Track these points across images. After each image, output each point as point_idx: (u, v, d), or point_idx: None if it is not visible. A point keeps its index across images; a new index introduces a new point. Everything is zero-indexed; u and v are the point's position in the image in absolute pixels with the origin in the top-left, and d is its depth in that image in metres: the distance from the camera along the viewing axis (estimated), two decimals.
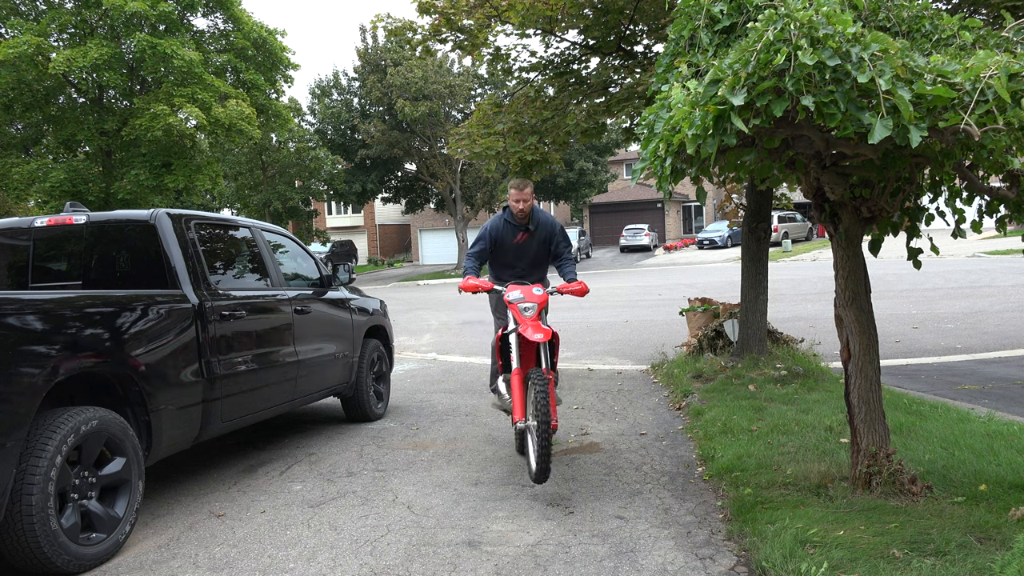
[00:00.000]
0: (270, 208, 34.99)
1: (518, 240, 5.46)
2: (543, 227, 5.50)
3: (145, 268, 4.52)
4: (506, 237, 5.45)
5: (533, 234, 5.46)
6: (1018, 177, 3.06)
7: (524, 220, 5.41)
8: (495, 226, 5.46)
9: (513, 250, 5.49)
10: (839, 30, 2.64)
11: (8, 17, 21.90)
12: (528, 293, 4.58)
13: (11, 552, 3.24)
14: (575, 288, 4.96)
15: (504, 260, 5.54)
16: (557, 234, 5.55)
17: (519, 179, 5.39)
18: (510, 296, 4.57)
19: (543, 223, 5.50)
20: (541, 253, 5.57)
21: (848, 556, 2.98)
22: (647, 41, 8.51)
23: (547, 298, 4.72)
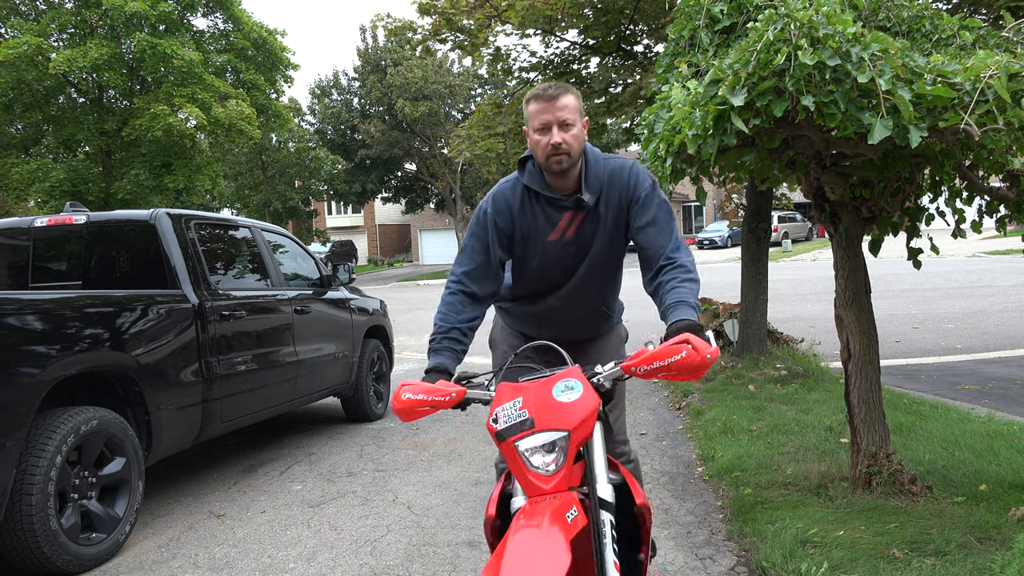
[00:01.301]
0: (270, 208, 34.98)
1: (558, 235, 2.36)
2: (612, 192, 2.34)
3: (145, 268, 4.52)
4: (530, 228, 2.36)
5: (592, 215, 2.34)
6: (1018, 177, 3.06)
7: (568, 184, 2.32)
8: (502, 203, 2.36)
9: (548, 256, 2.39)
10: (839, 30, 2.64)
11: (8, 17, 21.88)
12: (543, 407, 1.86)
13: (11, 552, 3.24)
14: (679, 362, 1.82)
15: (527, 277, 2.48)
16: (641, 200, 2.32)
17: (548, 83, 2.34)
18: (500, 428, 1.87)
19: (612, 182, 2.34)
20: (608, 253, 2.42)
21: (848, 556, 2.98)
22: (647, 41, 8.51)
23: (594, 409, 1.86)
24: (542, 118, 2.22)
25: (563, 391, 1.85)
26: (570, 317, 2.52)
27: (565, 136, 2.21)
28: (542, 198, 2.34)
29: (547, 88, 2.25)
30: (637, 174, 2.35)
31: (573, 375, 1.90)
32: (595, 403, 1.84)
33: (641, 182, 2.34)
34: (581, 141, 2.27)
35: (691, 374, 1.81)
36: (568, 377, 1.90)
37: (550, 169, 2.26)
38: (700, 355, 1.80)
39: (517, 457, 1.80)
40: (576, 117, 2.24)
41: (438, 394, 1.95)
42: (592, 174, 2.33)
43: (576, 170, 2.30)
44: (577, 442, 1.78)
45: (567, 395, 1.84)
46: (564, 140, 2.20)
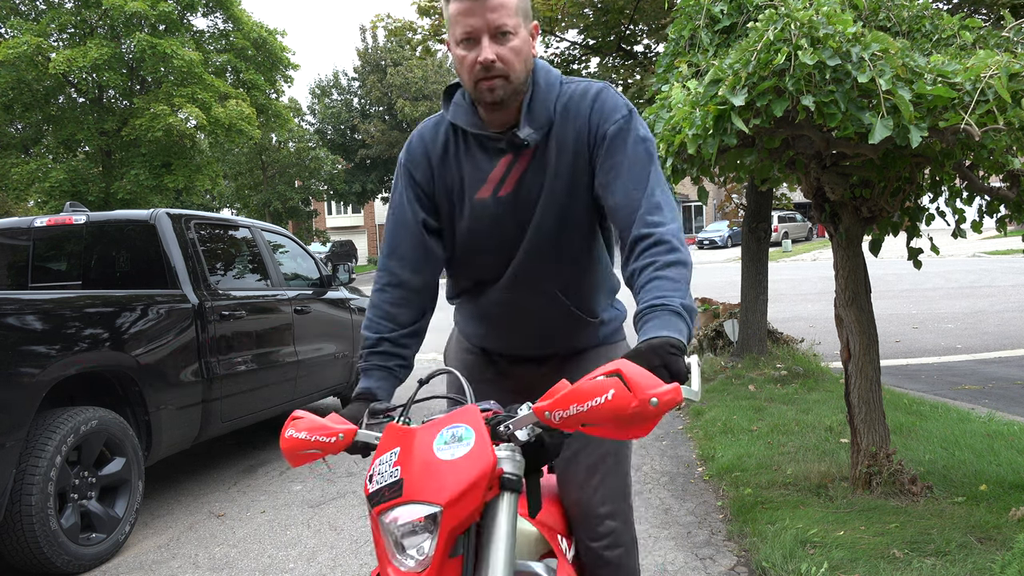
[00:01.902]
0: (270, 208, 35.00)
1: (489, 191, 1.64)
2: (567, 127, 1.60)
3: (145, 268, 4.52)
4: (454, 181, 1.67)
5: (537, 161, 1.61)
6: (1018, 177, 3.06)
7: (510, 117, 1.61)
8: (418, 149, 1.70)
9: (478, 223, 1.67)
10: (839, 30, 2.64)
11: (8, 17, 21.90)
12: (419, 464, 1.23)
13: (11, 552, 3.24)
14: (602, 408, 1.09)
15: (457, 257, 1.76)
16: (608, 138, 1.56)
17: None
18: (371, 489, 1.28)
19: (568, 112, 1.61)
20: (562, 220, 1.64)
21: (848, 556, 2.98)
22: (647, 41, 8.51)
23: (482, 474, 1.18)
24: (467, 23, 1.49)
25: (447, 443, 1.23)
26: (527, 321, 1.73)
27: (500, 50, 1.49)
28: (471, 138, 1.63)
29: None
30: (604, 100, 1.59)
31: (465, 418, 1.26)
32: (485, 465, 1.18)
33: (609, 111, 1.58)
34: (526, 57, 1.55)
35: (622, 428, 1.10)
36: (459, 422, 1.25)
37: (482, 98, 1.55)
38: (636, 398, 1.06)
39: (378, 535, 1.24)
40: (518, 21, 1.52)
41: (324, 433, 1.39)
42: (538, 102, 1.59)
43: (519, 98, 1.58)
44: (451, 525, 1.16)
45: (450, 449, 1.22)
46: (499, 56, 1.49)
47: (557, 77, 1.65)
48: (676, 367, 1.19)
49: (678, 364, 1.19)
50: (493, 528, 1.21)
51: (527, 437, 1.26)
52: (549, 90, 1.61)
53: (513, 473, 1.24)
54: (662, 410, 1.07)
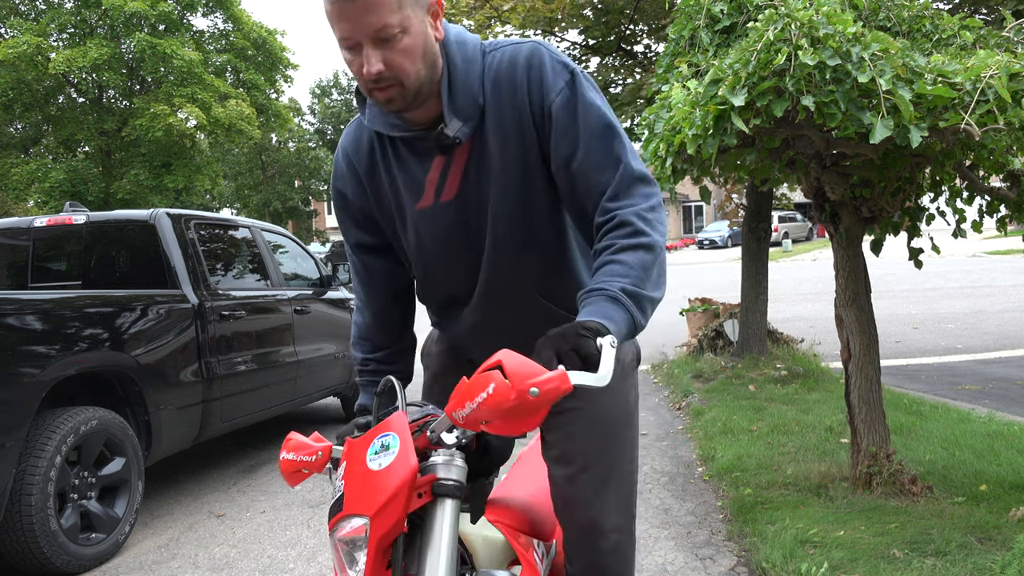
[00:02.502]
0: (270, 208, 35.01)
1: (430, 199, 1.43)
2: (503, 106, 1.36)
3: (145, 268, 4.52)
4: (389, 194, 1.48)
5: (478, 154, 1.38)
6: (1018, 177, 3.06)
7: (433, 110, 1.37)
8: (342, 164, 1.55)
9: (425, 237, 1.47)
10: (839, 30, 2.64)
11: (8, 17, 21.90)
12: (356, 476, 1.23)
13: (11, 552, 3.24)
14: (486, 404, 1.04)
15: (417, 279, 1.59)
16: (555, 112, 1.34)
17: None
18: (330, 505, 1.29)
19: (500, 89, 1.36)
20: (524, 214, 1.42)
21: (848, 556, 2.98)
22: (647, 41, 8.51)
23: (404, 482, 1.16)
24: (343, 28, 1.24)
25: (376, 453, 1.20)
26: (511, 335, 1.40)
27: (387, 55, 1.25)
28: (397, 142, 1.41)
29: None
30: (541, 68, 1.34)
31: (393, 426, 1.22)
32: (405, 474, 1.15)
33: (550, 81, 1.34)
34: (424, 51, 1.29)
35: (510, 423, 1.05)
36: (387, 430, 1.22)
37: (382, 107, 1.35)
38: (514, 389, 1.02)
39: (333, 549, 1.24)
40: (406, 13, 1.24)
41: (307, 452, 1.35)
42: (459, 87, 1.34)
43: (435, 88, 1.34)
44: (378, 536, 1.14)
45: (379, 459, 1.19)
46: (387, 63, 1.25)
47: (477, 48, 1.39)
48: (585, 350, 1.10)
49: (587, 347, 1.11)
50: (430, 536, 1.19)
51: (456, 440, 1.22)
52: (470, 68, 1.35)
53: (448, 478, 1.20)
54: (544, 400, 1.03)
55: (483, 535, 1.41)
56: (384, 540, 1.15)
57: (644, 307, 1.24)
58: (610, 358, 1.11)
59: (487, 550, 1.42)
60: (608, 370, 1.10)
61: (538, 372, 1.04)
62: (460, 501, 1.22)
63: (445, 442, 1.22)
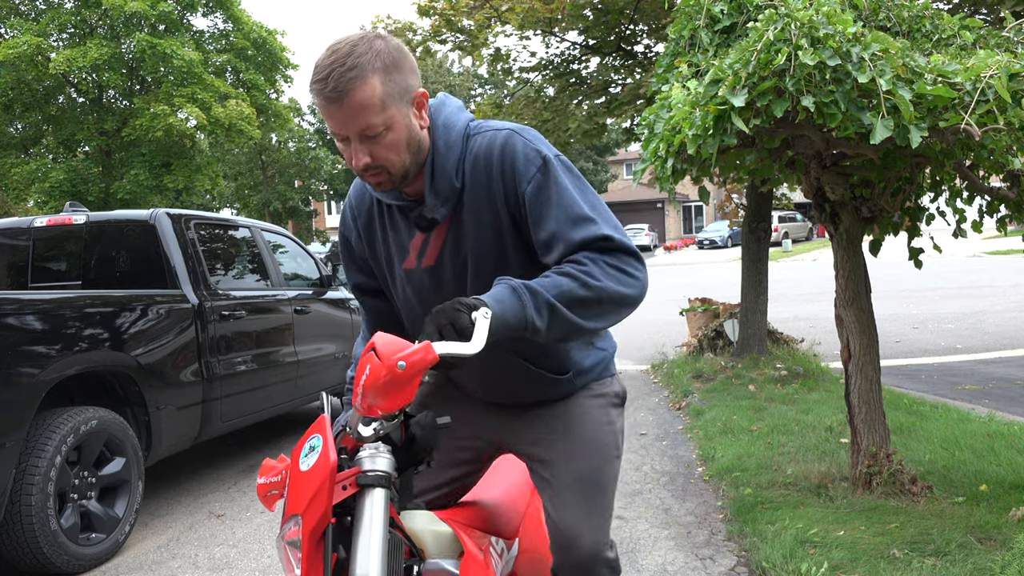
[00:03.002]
0: (270, 208, 35.00)
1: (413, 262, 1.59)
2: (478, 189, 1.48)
3: (145, 268, 4.52)
4: (381, 250, 1.63)
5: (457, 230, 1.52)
6: (1018, 177, 3.06)
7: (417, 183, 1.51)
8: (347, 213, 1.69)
9: (409, 294, 1.62)
10: (839, 30, 2.64)
11: (8, 17, 21.90)
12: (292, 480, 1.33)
13: (11, 552, 3.24)
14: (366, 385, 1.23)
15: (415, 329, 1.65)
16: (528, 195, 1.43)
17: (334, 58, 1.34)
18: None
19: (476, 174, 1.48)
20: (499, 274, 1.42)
21: (848, 556, 2.98)
22: (647, 41, 8.52)
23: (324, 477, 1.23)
24: (333, 124, 1.38)
25: (306, 455, 1.31)
26: (494, 384, 1.65)
27: (374, 149, 1.38)
28: (393, 209, 1.56)
29: (328, 72, 1.33)
30: (514, 155, 1.44)
31: (318, 428, 1.33)
32: (324, 469, 1.23)
33: (522, 168, 1.43)
34: (408, 142, 1.42)
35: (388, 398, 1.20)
36: (313, 432, 1.33)
37: (371, 187, 1.50)
38: (384, 365, 1.17)
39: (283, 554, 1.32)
40: (390, 113, 1.36)
41: (273, 473, 1.43)
42: (440, 171, 1.46)
43: (420, 168, 1.47)
44: (308, 529, 1.22)
45: (307, 460, 1.29)
46: (373, 155, 1.39)
47: (460, 134, 1.49)
48: (460, 323, 1.22)
49: (460, 320, 1.22)
50: (360, 524, 1.27)
51: (373, 432, 1.29)
52: (450, 153, 1.47)
53: (373, 470, 1.28)
54: (412, 372, 1.17)
55: (432, 530, 1.49)
56: (314, 533, 1.23)
57: (545, 311, 1.30)
58: (483, 328, 1.23)
59: (436, 544, 1.48)
60: (480, 339, 1.22)
61: (404, 347, 1.19)
62: (389, 490, 1.30)
63: (363, 435, 1.30)
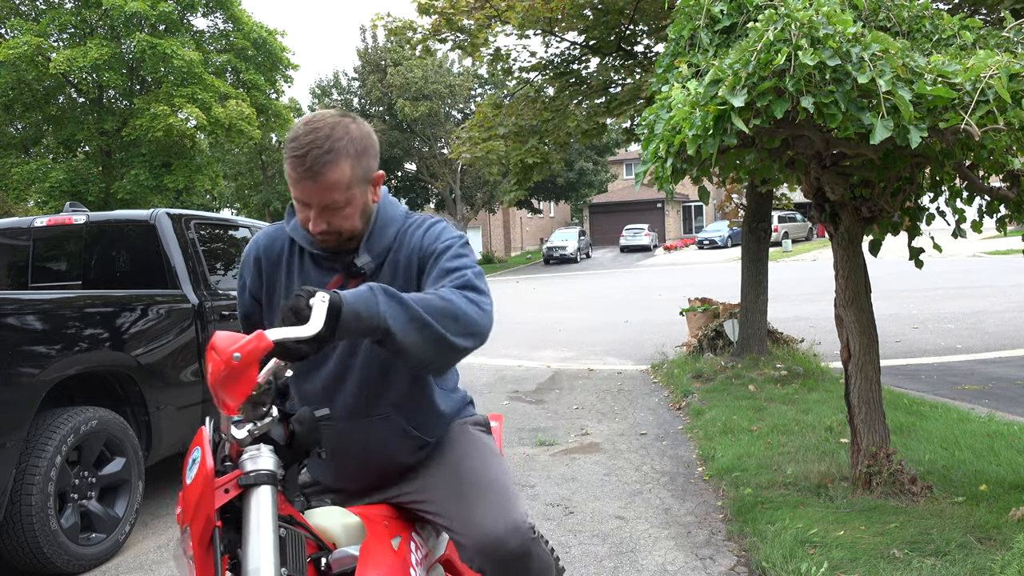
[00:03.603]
0: (270, 208, 34.99)
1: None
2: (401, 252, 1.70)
3: (145, 268, 4.52)
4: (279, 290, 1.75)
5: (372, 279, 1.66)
6: (1018, 177, 3.06)
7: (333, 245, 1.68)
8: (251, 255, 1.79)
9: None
10: (839, 30, 2.64)
11: (8, 17, 21.89)
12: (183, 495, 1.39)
13: (11, 552, 3.24)
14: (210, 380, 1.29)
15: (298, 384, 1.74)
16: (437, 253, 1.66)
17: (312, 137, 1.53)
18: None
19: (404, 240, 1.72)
20: None
21: (848, 556, 2.98)
22: (647, 41, 8.51)
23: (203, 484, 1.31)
24: (299, 191, 1.56)
25: (191, 467, 1.35)
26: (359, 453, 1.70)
27: (332, 219, 1.58)
28: (306, 254, 1.70)
29: (307, 151, 1.49)
30: (437, 227, 1.70)
31: (197, 440, 1.37)
32: (201, 478, 1.29)
33: (440, 234, 1.68)
34: (361, 213, 1.63)
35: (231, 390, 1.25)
36: (195, 445, 1.37)
37: (317, 242, 1.66)
38: (221, 359, 1.23)
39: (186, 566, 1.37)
40: (352, 192, 1.57)
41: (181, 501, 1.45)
42: (377, 234, 1.67)
43: (362, 232, 1.67)
44: (196, 536, 1.28)
45: (191, 471, 1.34)
46: (330, 224, 1.58)
47: (399, 214, 1.74)
48: (296, 306, 1.30)
49: (297, 303, 1.30)
50: (248, 522, 1.30)
51: (247, 434, 1.35)
52: (390, 223, 1.70)
53: (254, 470, 1.33)
54: (248, 360, 1.23)
55: (342, 523, 1.52)
56: (203, 539, 1.28)
57: (398, 307, 1.37)
58: (320, 312, 1.28)
59: (346, 535, 1.51)
60: (317, 322, 1.27)
61: (238, 339, 1.24)
62: (275, 487, 1.34)
63: (237, 437, 1.35)
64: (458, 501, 1.65)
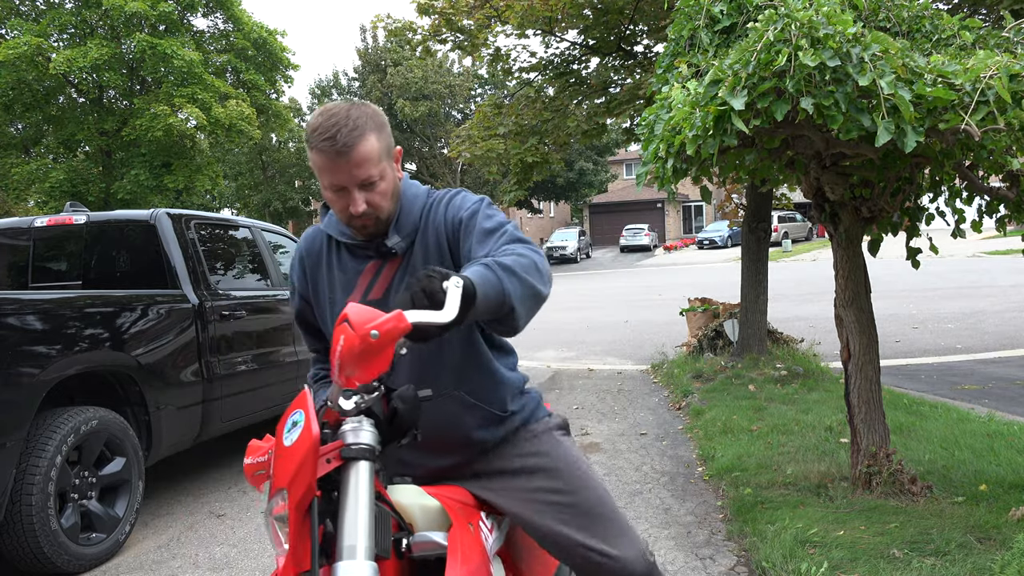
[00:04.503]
0: (270, 208, 34.99)
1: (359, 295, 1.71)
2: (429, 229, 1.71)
3: (145, 268, 4.52)
4: (328, 287, 1.78)
5: (406, 265, 1.70)
6: (1018, 177, 3.06)
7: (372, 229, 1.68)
8: (296, 257, 1.87)
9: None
10: (839, 30, 2.64)
11: (8, 18, 21.90)
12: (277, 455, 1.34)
13: (11, 552, 3.24)
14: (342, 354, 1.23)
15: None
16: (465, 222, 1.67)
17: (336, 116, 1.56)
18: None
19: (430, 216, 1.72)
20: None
21: (848, 556, 2.98)
22: (647, 41, 8.52)
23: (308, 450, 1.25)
24: (333, 178, 1.56)
25: (289, 430, 1.31)
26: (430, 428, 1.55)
27: (370, 196, 1.59)
28: (342, 246, 1.76)
29: (335, 131, 1.52)
30: (459, 196, 1.73)
31: (299, 403, 1.34)
32: (306, 443, 1.24)
33: (462, 202, 1.70)
34: (393, 190, 1.65)
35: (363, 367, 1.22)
36: (295, 408, 1.34)
37: (356, 233, 1.69)
38: (357, 335, 1.18)
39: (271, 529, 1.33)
40: (383, 165, 1.60)
41: (260, 453, 1.45)
42: (405, 215, 1.70)
43: (394, 215, 1.70)
44: (294, 502, 1.23)
45: (291, 435, 1.30)
46: (369, 202, 1.59)
47: (420, 191, 1.77)
48: (431, 287, 1.25)
49: (431, 285, 1.25)
50: (346, 496, 1.28)
51: (354, 406, 1.32)
52: (415, 201, 1.73)
53: (356, 443, 1.30)
54: (385, 340, 1.19)
55: (420, 504, 1.49)
56: (300, 507, 1.24)
57: (516, 282, 1.38)
58: (455, 297, 1.24)
59: (425, 517, 1.48)
60: (453, 307, 1.23)
61: (376, 316, 1.19)
62: (373, 463, 1.31)
63: (344, 408, 1.32)
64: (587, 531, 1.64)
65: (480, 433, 1.72)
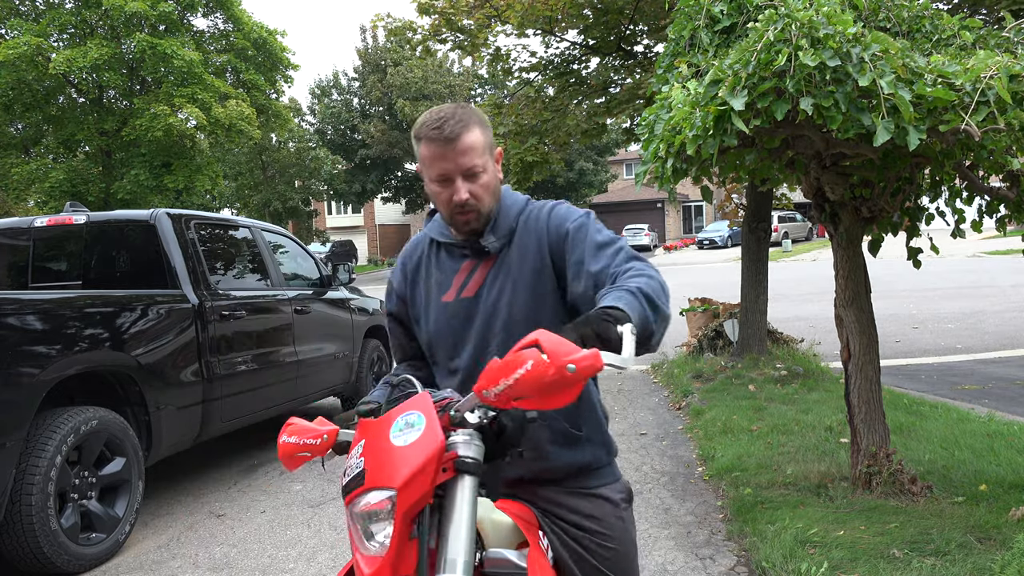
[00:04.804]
0: (270, 208, 34.99)
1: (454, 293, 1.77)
2: (528, 235, 1.75)
3: (145, 268, 4.52)
4: (425, 287, 1.84)
5: (501, 265, 1.74)
6: (1018, 177, 3.06)
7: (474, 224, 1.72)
8: (398, 261, 1.95)
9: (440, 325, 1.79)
10: (839, 30, 2.64)
11: (8, 18, 21.89)
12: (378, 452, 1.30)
13: (11, 552, 3.24)
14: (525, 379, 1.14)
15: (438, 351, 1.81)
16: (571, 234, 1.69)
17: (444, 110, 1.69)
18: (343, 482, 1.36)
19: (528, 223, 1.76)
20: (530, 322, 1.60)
21: (848, 556, 2.98)
22: (647, 41, 8.51)
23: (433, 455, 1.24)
24: (440, 167, 1.64)
25: (400, 430, 1.28)
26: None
27: (473, 187, 1.65)
28: (441, 247, 1.81)
29: (443, 122, 1.63)
30: (562, 207, 1.78)
31: (417, 405, 1.32)
32: (433, 448, 1.23)
33: (567, 213, 1.74)
34: (494, 188, 1.71)
35: (546, 397, 1.15)
36: (411, 409, 1.32)
37: (458, 229, 1.72)
38: (553, 365, 1.11)
39: (351, 524, 1.29)
40: (486, 158, 1.67)
41: (311, 435, 1.49)
42: (503, 216, 1.75)
43: (493, 215, 1.75)
44: (405, 507, 1.21)
45: (404, 436, 1.27)
46: (472, 193, 1.65)
47: (521, 198, 1.83)
48: (607, 334, 1.23)
49: (609, 331, 1.23)
50: (452, 509, 1.27)
51: (478, 420, 1.30)
52: (513, 206, 1.78)
53: (469, 456, 1.29)
54: (580, 376, 1.13)
55: (491, 519, 1.47)
56: (411, 512, 1.21)
57: (655, 311, 1.40)
58: (631, 343, 1.22)
59: (496, 533, 1.46)
60: (630, 353, 1.20)
61: (574, 350, 1.13)
62: (478, 479, 1.30)
63: (468, 421, 1.30)
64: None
65: (551, 448, 1.72)
